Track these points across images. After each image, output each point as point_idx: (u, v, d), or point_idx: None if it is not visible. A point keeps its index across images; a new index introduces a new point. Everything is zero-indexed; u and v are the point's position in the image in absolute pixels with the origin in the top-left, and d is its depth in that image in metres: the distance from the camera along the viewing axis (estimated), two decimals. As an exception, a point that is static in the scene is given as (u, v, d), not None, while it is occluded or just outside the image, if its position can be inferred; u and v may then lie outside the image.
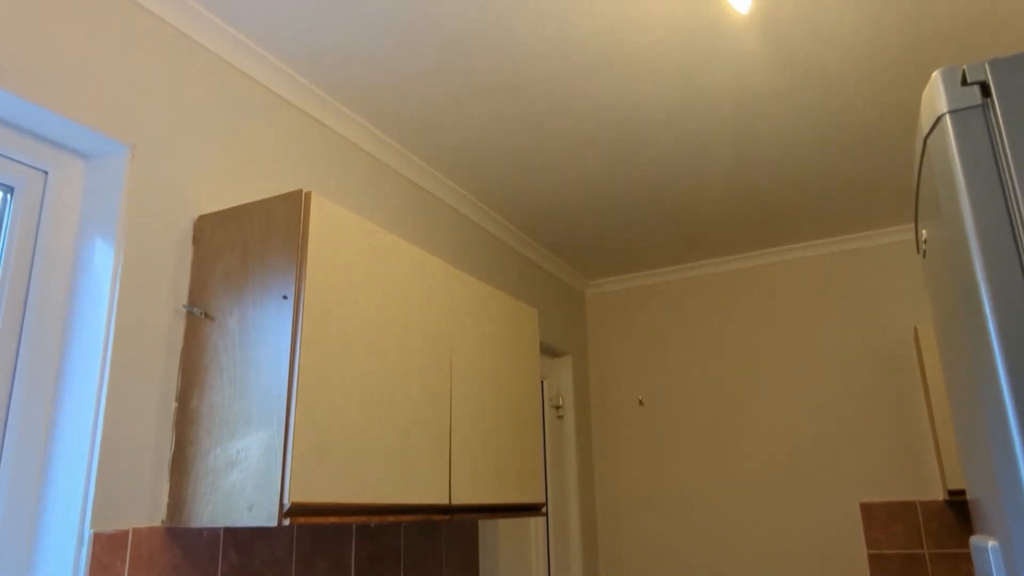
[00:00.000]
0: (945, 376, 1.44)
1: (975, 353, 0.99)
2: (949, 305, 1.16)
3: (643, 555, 3.25)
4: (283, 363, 1.33)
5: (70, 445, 1.29)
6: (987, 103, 0.96)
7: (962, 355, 1.10)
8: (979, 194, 0.95)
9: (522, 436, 2.08)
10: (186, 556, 1.38)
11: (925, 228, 1.32)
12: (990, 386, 0.93)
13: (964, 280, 0.98)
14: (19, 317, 1.33)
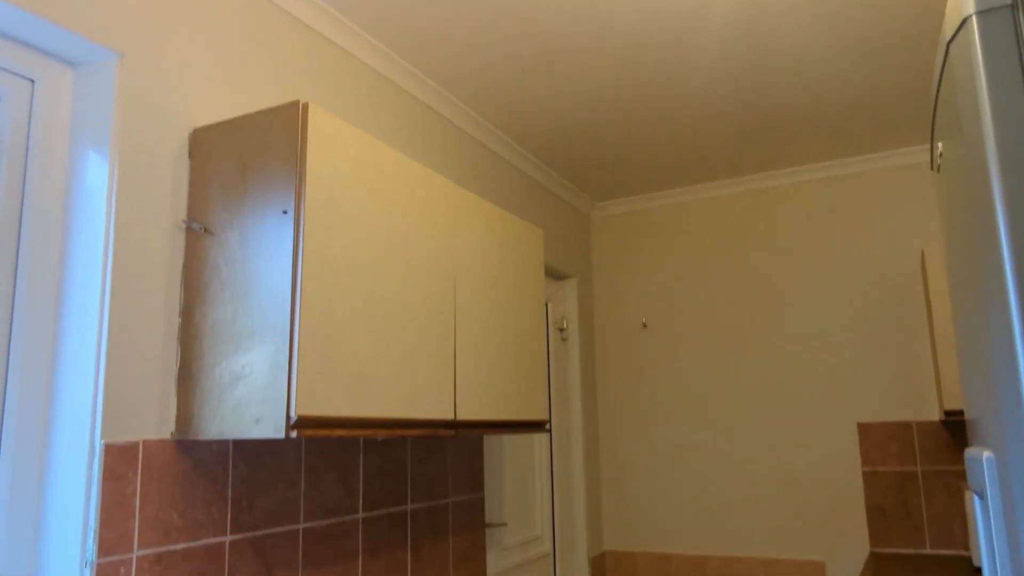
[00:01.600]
0: (952, 296, 1.44)
1: (985, 271, 0.97)
2: (962, 221, 1.14)
3: (644, 474, 3.34)
4: (285, 279, 1.32)
5: (75, 359, 1.31)
6: (1018, 3, 0.91)
7: (972, 273, 1.09)
8: (1003, 103, 0.91)
9: (526, 356, 2.10)
10: (197, 467, 1.41)
11: (942, 141, 1.28)
12: (998, 302, 0.92)
13: (979, 195, 0.96)
14: (15, 233, 1.31)
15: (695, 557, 3.15)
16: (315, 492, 1.68)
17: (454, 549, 2.17)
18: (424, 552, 2.03)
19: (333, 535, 1.72)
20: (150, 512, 1.31)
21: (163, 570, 1.32)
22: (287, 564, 1.58)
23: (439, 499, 2.14)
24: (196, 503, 1.40)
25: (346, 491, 1.78)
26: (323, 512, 1.70)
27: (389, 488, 1.93)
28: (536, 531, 2.86)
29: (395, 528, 1.93)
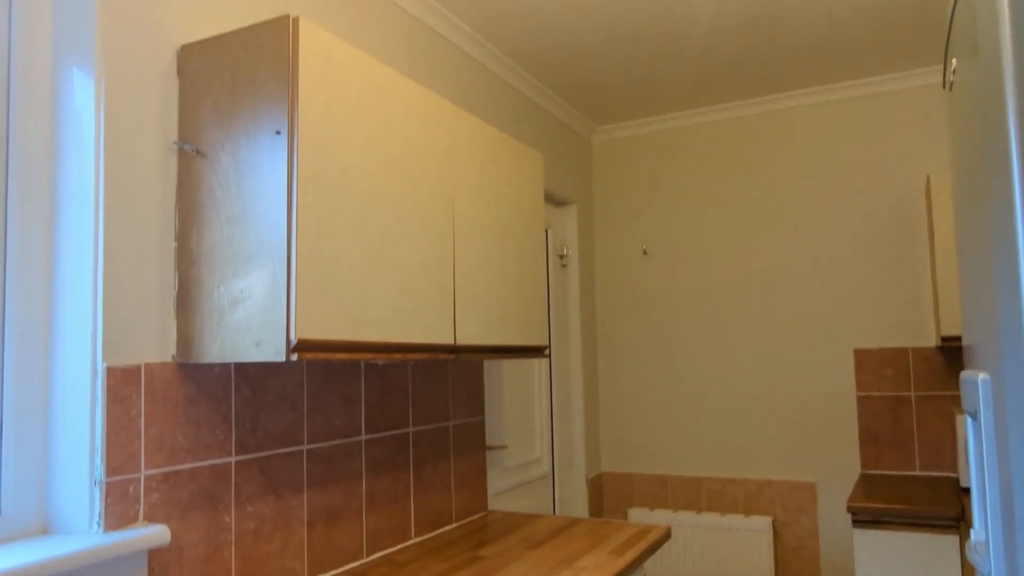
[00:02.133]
0: (956, 220, 1.42)
1: (993, 193, 0.95)
2: (972, 142, 1.11)
3: (641, 398, 3.40)
4: (280, 201, 1.30)
5: (73, 283, 1.30)
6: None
7: (979, 195, 1.07)
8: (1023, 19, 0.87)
9: (526, 282, 2.10)
10: (199, 390, 1.43)
11: (956, 58, 1.23)
12: (1004, 226, 0.90)
13: (993, 115, 0.93)
14: (3, 157, 1.28)
15: (690, 478, 3.25)
16: (318, 415, 1.71)
17: (455, 470, 2.23)
18: (426, 472, 2.09)
19: (336, 456, 1.76)
20: (155, 433, 1.34)
21: (171, 489, 1.35)
22: (292, 484, 1.62)
23: (440, 422, 2.18)
24: (200, 425, 1.42)
25: (348, 414, 1.81)
26: (326, 434, 1.73)
27: (391, 411, 1.96)
28: (536, 453, 2.94)
29: (397, 450, 1.98)
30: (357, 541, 1.80)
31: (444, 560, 1.80)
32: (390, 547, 1.91)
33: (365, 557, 1.82)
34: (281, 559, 1.58)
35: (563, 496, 3.13)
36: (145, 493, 1.31)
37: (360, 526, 1.81)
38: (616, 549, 1.84)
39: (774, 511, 3.07)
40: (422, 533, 2.05)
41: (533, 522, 2.19)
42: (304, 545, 1.64)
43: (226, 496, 1.46)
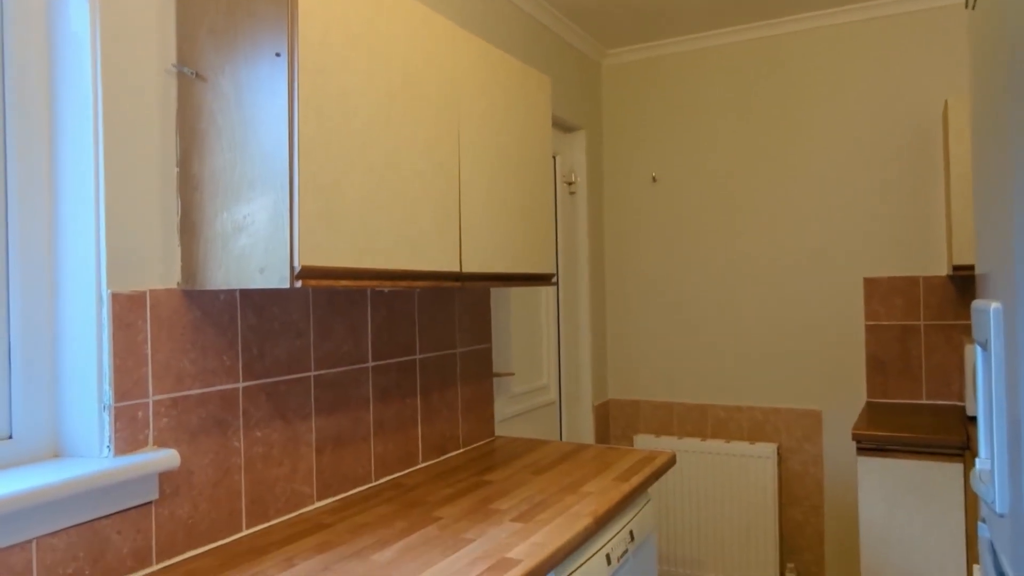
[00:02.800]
0: (974, 145, 1.37)
1: (1015, 116, 0.91)
2: (995, 63, 1.05)
3: (649, 326, 3.41)
4: (282, 126, 1.26)
5: (74, 210, 1.28)
6: None
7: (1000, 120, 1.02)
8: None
9: (533, 209, 2.06)
10: (205, 316, 1.43)
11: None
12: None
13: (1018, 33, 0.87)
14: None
15: (696, 406, 3.29)
16: (324, 342, 1.72)
17: (463, 396, 2.26)
18: (433, 399, 2.12)
19: (344, 383, 1.78)
20: (162, 359, 1.35)
21: (179, 414, 1.37)
22: (300, 410, 1.64)
23: (447, 349, 2.19)
24: (207, 351, 1.43)
25: (355, 341, 1.82)
26: (333, 361, 1.74)
27: (397, 339, 1.97)
28: (543, 380, 2.97)
29: (404, 376, 1.99)
30: (366, 465, 1.84)
31: (451, 484, 1.84)
32: (398, 471, 1.96)
33: (374, 481, 1.86)
34: (290, 483, 1.61)
35: (570, 423, 3.18)
36: (154, 418, 1.33)
37: (368, 451, 1.85)
38: (621, 475, 1.88)
39: (779, 438, 3.12)
40: (429, 458, 2.09)
41: (539, 448, 2.23)
42: (313, 469, 1.68)
43: (234, 421, 1.48)
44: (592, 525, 1.53)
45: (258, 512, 1.53)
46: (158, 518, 1.33)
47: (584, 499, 1.67)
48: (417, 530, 1.49)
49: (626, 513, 1.82)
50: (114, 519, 1.26)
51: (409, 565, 1.30)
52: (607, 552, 1.65)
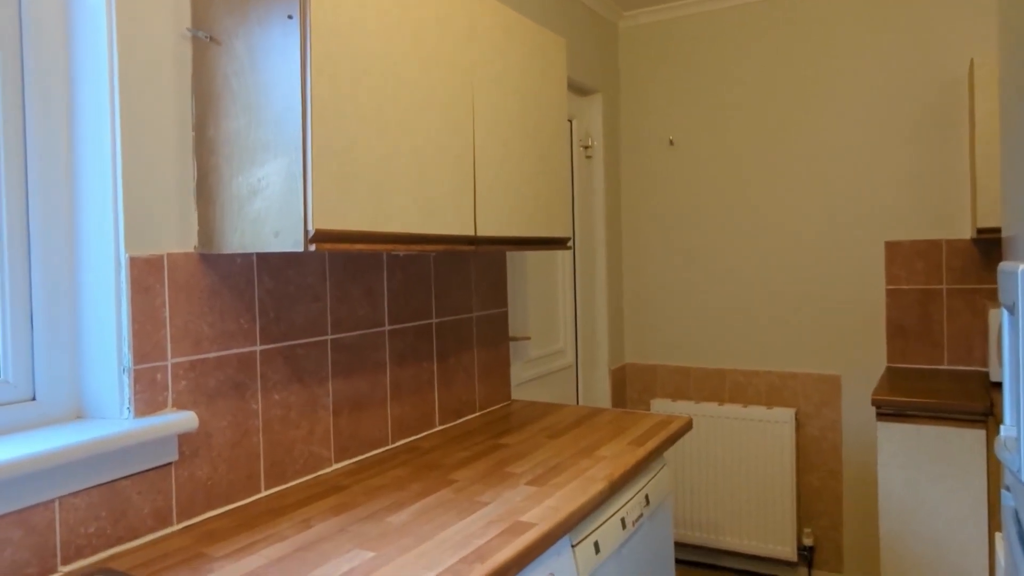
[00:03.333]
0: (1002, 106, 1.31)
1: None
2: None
3: (666, 290, 3.38)
4: (294, 88, 1.25)
5: (92, 175, 1.28)
6: None
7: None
8: None
9: (549, 173, 2.03)
10: (222, 280, 1.43)
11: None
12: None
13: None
14: (18, 50, 1.23)
15: (713, 370, 3.28)
16: (341, 306, 1.72)
17: (479, 360, 2.26)
18: (450, 363, 2.12)
19: (360, 346, 1.78)
20: (180, 322, 1.35)
21: (197, 376, 1.39)
22: (317, 373, 1.65)
23: (463, 313, 2.19)
24: (225, 314, 1.44)
25: (371, 305, 1.82)
26: (350, 325, 1.75)
27: (413, 303, 1.97)
28: (559, 344, 2.97)
29: (421, 340, 2.00)
30: (382, 428, 1.86)
31: (467, 448, 1.86)
32: (414, 435, 1.97)
33: (390, 444, 1.88)
34: (308, 444, 1.63)
35: (586, 387, 3.19)
36: (173, 380, 1.34)
37: (385, 414, 1.86)
38: (637, 439, 1.88)
39: (797, 403, 3.10)
40: (446, 421, 2.10)
41: (555, 412, 2.24)
42: (330, 432, 1.69)
43: (252, 384, 1.50)
44: (607, 489, 1.53)
45: (276, 474, 1.55)
46: (178, 479, 1.35)
47: (599, 463, 1.68)
48: (432, 493, 1.51)
49: (641, 477, 1.82)
50: (135, 480, 1.28)
51: (424, 527, 1.32)
52: (622, 516, 1.66)
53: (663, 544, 1.94)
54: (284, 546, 1.25)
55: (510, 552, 1.19)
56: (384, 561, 1.17)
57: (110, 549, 1.24)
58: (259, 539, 1.28)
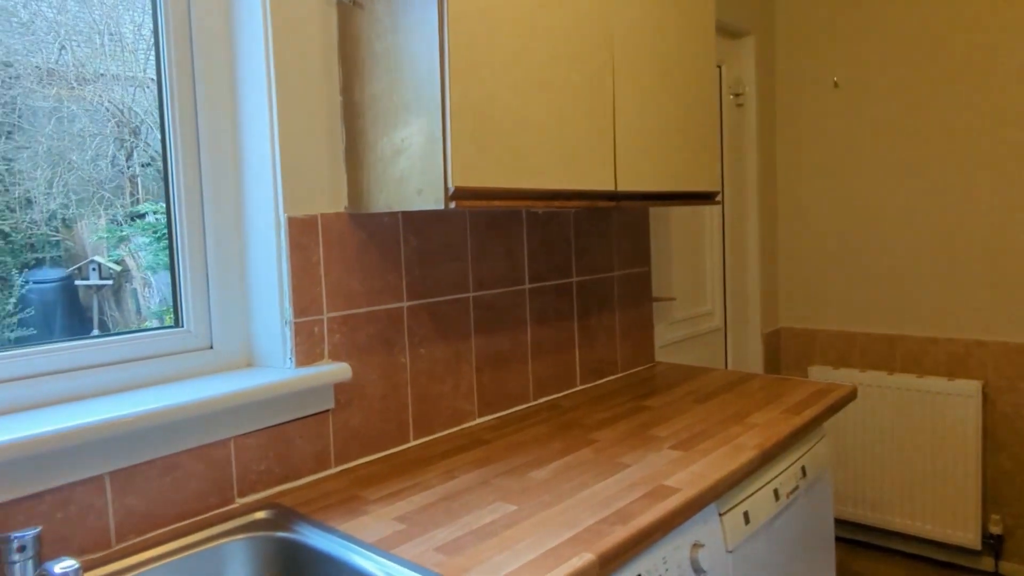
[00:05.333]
0: None
1: None
2: None
3: (827, 247, 3.12)
4: (432, 47, 1.25)
5: (255, 141, 1.37)
6: None
7: None
8: None
9: (695, 123, 1.91)
10: (371, 239, 1.49)
11: None
12: None
13: None
14: (188, 33, 1.33)
15: (882, 336, 3.00)
16: (481, 264, 1.74)
17: (620, 321, 2.22)
18: (591, 323, 2.09)
19: (501, 304, 1.80)
20: (333, 279, 1.42)
21: (350, 330, 1.46)
22: (459, 329, 1.69)
23: (604, 272, 2.14)
24: (373, 272, 1.50)
25: (511, 263, 1.82)
26: (491, 282, 1.76)
27: (553, 261, 1.95)
28: (707, 306, 2.84)
29: (561, 299, 1.98)
30: (524, 385, 1.87)
31: (608, 408, 1.83)
32: (555, 393, 1.97)
33: (531, 401, 1.90)
34: (453, 399, 1.68)
35: (736, 351, 3.04)
36: (328, 334, 1.42)
37: (526, 372, 1.88)
38: (792, 407, 1.76)
39: (985, 375, 2.76)
40: (587, 381, 2.09)
41: (702, 375, 2.15)
42: (474, 387, 1.73)
43: (400, 339, 1.55)
44: (758, 458, 1.45)
45: (423, 425, 1.61)
46: (334, 426, 1.44)
47: (750, 430, 1.59)
48: (573, 452, 1.50)
49: (797, 448, 1.71)
50: (296, 424, 1.38)
51: (564, 485, 1.31)
52: (775, 487, 1.56)
53: (822, 520, 1.81)
54: (430, 494, 1.29)
55: (653, 516, 1.16)
56: (525, 515, 1.18)
57: (277, 487, 1.35)
58: (408, 486, 1.34)
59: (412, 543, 1.10)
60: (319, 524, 1.18)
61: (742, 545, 1.43)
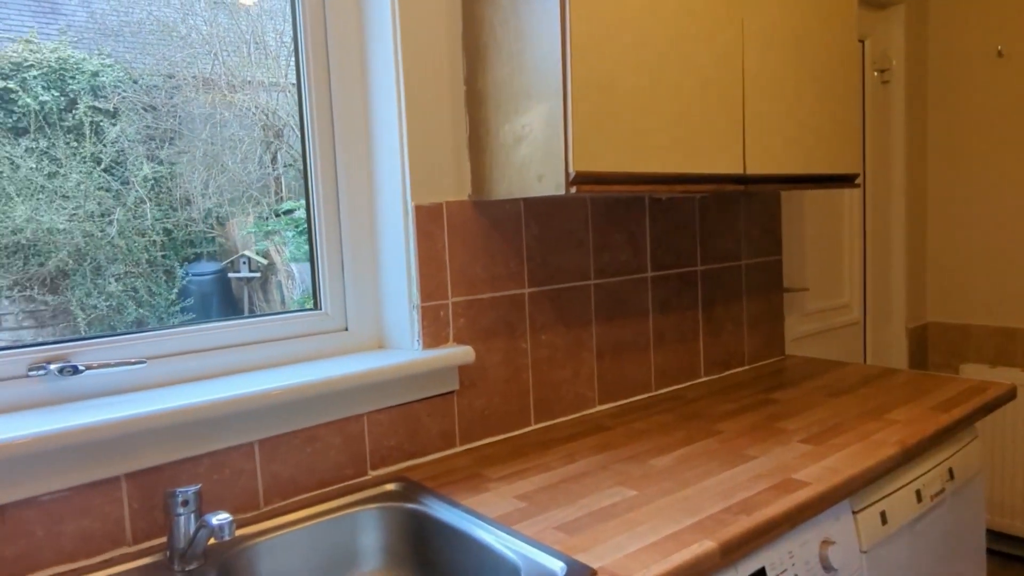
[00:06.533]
0: None
1: None
2: None
3: (985, 236, 2.84)
4: (554, 29, 1.26)
5: (385, 132, 1.44)
6: None
7: None
8: None
9: (833, 100, 1.80)
10: (493, 226, 1.53)
11: None
12: None
13: None
14: (323, 34, 1.42)
15: (1048, 333, 2.69)
16: (603, 251, 1.73)
17: (748, 311, 2.13)
18: (716, 312, 2.03)
19: (623, 292, 1.78)
20: (457, 265, 1.47)
21: (474, 314, 1.50)
22: (580, 316, 1.69)
23: (731, 261, 2.07)
24: (495, 258, 1.53)
25: (633, 251, 1.80)
26: (612, 270, 1.75)
27: (677, 249, 1.91)
28: (843, 298, 2.67)
29: (684, 288, 1.94)
30: (645, 375, 1.85)
31: (734, 400, 1.77)
32: (678, 384, 1.93)
33: (653, 390, 1.87)
34: (573, 385, 1.69)
35: (876, 347, 2.84)
36: (453, 318, 1.47)
37: (648, 361, 1.85)
38: (939, 405, 1.62)
39: None
40: (711, 373, 2.03)
41: (836, 369, 2.03)
42: (594, 374, 1.73)
43: (521, 324, 1.58)
44: (898, 455, 1.35)
45: (544, 410, 1.63)
46: (459, 406, 1.49)
47: (889, 427, 1.48)
48: (696, 441, 1.46)
49: (944, 448, 1.58)
50: (424, 404, 1.44)
51: (687, 473, 1.29)
52: (917, 488, 1.45)
53: (971, 528, 1.67)
54: (551, 476, 1.31)
55: (779, 508, 1.12)
56: (646, 500, 1.17)
57: (406, 461, 1.42)
58: (529, 467, 1.37)
59: (532, 521, 1.12)
60: (445, 498, 1.23)
61: (878, 546, 1.34)
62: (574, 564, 0.97)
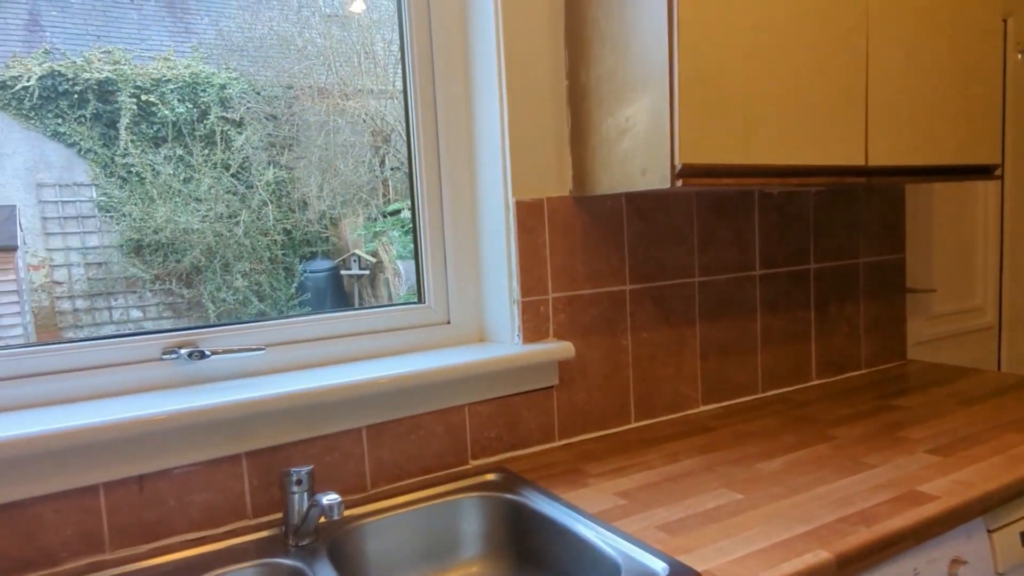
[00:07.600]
0: None
1: None
2: None
3: None
4: (661, 16, 1.23)
5: (486, 128, 1.46)
6: None
7: None
8: None
9: (969, 85, 1.66)
10: (594, 222, 1.51)
11: None
12: None
13: None
14: (428, 39, 1.45)
15: None
16: (708, 248, 1.68)
17: (865, 312, 2.00)
18: (829, 313, 1.92)
19: (728, 290, 1.72)
20: (558, 261, 1.47)
21: (574, 311, 1.49)
22: (683, 314, 1.65)
23: (847, 259, 1.95)
24: (596, 254, 1.52)
25: (740, 248, 1.73)
26: (717, 268, 1.70)
27: (788, 246, 1.82)
28: (976, 300, 2.46)
29: (795, 287, 1.84)
30: (752, 376, 1.77)
31: (849, 405, 1.67)
32: (787, 386, 1.84)
33: (760, 392, 1.79)
34: (675, 384, 1.64)
35: (1014, 354, 2.59)
36: (553, 313, 1.47)
37: (755, 361, 1.78)
38: (1091, 416, 1.47)
39: None
40: (824, 376, 1.92)
41: (968, 376, 1.87)
42: (697, 374, 1.68)
43: (622, 321, 1.56)
44: (1042, 471, 1.23)
45: (644, 408, 1.60)
46: (558, 401, 1.49)
47: (1031, 440, 1.35)
48: (807, 447, 1.39)
49: (1097, 466, 1.42)
50: (523, 397, 1.45)
51: (798, 479, 1.22)
52: (1064, 508, 1.32)
53: None
54: (652, 474, 1.29)
55: (903, 522, 1.04)
56: (753, 505, 1.13)
57: (505, 453, 1.43)
58: (629, 464, 1.35)
59: (633, 519, 1.10)
60: (544, 491, 1.23)
61: (1017, 570, 1.22)
62: (677, 565, 0.94)
